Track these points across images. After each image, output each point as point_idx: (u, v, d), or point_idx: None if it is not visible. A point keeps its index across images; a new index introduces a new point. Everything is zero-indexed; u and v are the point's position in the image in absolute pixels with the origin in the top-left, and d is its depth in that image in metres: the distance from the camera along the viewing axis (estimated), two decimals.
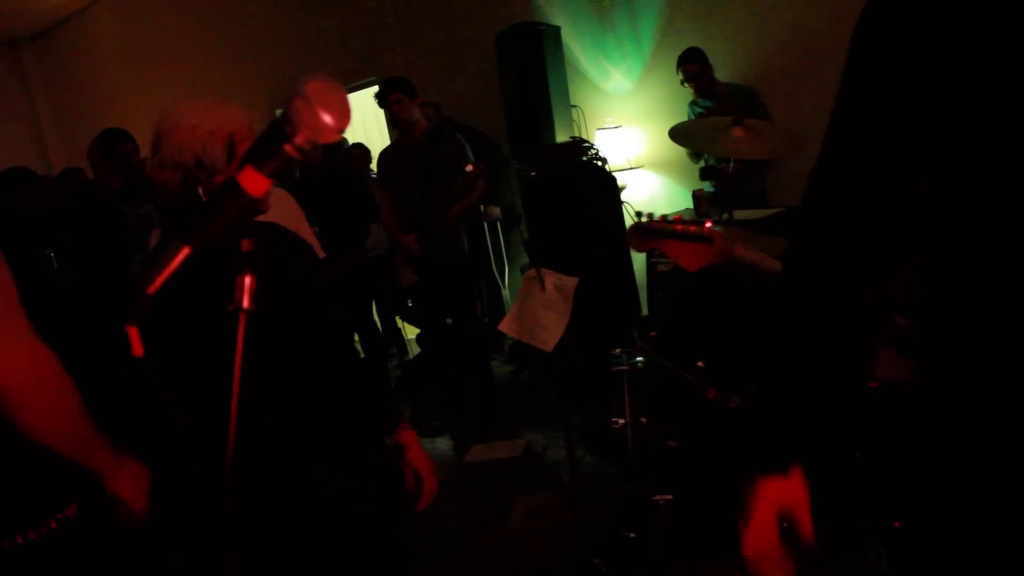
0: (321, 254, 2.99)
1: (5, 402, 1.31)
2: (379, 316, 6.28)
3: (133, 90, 9.79)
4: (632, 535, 2.69)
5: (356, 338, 5.34)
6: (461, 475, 4.15)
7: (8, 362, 1.30)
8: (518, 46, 5.68)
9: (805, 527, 1.15)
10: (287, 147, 0.80)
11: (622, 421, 2.74)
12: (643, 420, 2.72)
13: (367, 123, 7.78)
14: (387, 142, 7.31)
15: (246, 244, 0.80)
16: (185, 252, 0.80)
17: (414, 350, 6.40)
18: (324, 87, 0.80)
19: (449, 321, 4.51)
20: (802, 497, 1.15)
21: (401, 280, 4.77)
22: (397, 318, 6.30)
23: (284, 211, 2.92)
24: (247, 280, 0.82)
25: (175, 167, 1.57)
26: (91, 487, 1.52)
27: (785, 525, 1.14)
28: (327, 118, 0.79)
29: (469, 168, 4.25)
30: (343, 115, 0.81)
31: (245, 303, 0.79)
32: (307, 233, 3.09)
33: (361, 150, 6.28)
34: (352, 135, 7.29)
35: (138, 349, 0.81)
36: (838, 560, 1.65)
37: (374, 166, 6.41)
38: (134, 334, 0.81)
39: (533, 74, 5.64)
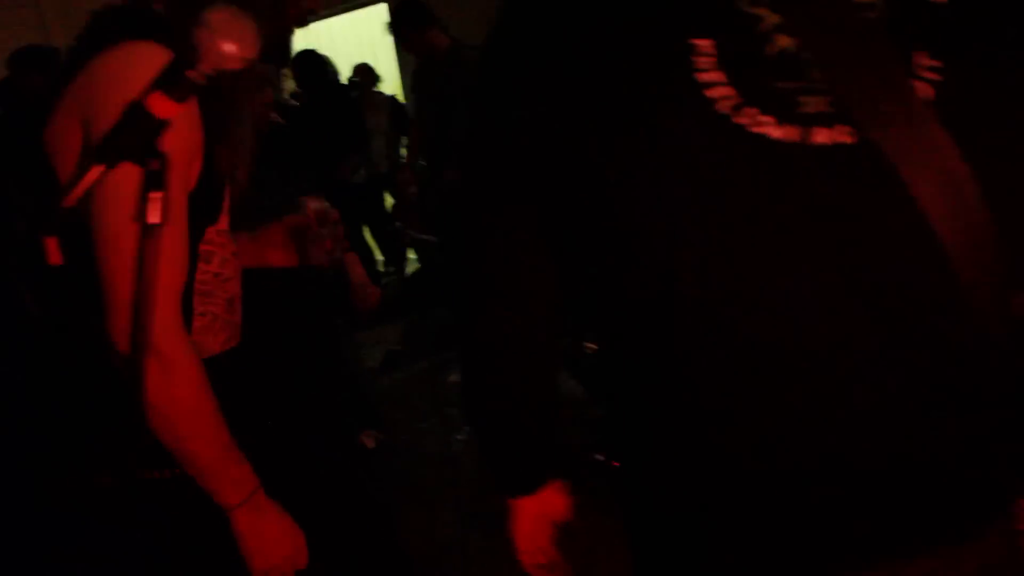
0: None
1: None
2: (376, 239, 6.33)
3: None
4: (602, 458, 2.78)
5: None
6: (444, 397, 4.23)
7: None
8: None
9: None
10: (190, 73, 0.85)
11: (595, 347, 2.80)
12: None
13: (375, 42, 7.69)
14: (393, 63, 7.26)
15: (155, 165, 0.85)
16: (98, 171, 0.86)
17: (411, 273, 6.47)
18: (227, 16, 0.85)
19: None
20: (561, 509, 1.14)
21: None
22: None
23: None
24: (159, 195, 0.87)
25: None
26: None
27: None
28: (229, 47, 0.84)
29: None
30: (246, 43, 0.86)
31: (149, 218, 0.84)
32: None
33: (362, 70, 6.23)
34: (360, 55, 7.22)
35: (56, 257, 0.87)
36: None
37: (381, 87, 6.38)
38: (52, 244, 0.87)
39: None
